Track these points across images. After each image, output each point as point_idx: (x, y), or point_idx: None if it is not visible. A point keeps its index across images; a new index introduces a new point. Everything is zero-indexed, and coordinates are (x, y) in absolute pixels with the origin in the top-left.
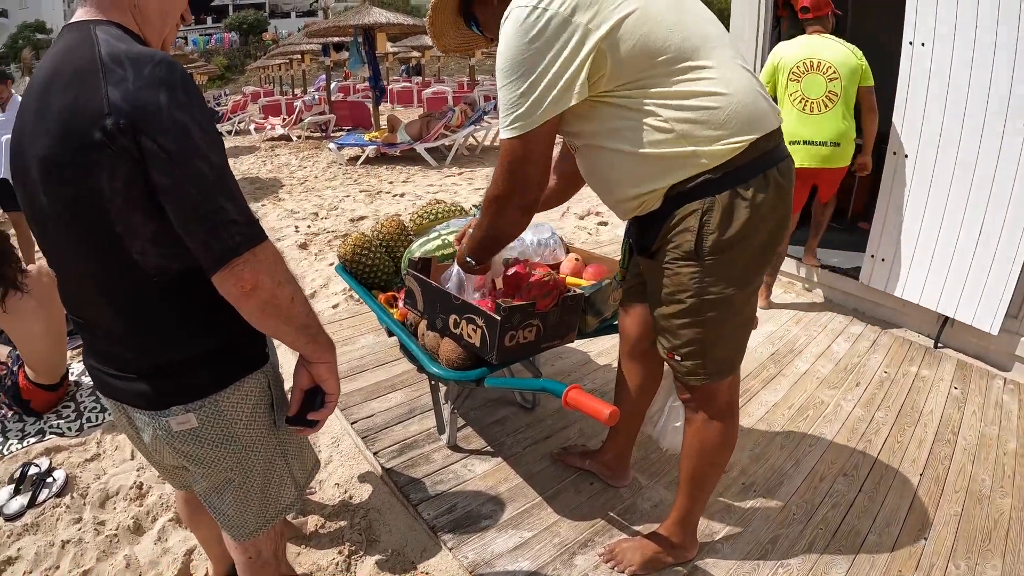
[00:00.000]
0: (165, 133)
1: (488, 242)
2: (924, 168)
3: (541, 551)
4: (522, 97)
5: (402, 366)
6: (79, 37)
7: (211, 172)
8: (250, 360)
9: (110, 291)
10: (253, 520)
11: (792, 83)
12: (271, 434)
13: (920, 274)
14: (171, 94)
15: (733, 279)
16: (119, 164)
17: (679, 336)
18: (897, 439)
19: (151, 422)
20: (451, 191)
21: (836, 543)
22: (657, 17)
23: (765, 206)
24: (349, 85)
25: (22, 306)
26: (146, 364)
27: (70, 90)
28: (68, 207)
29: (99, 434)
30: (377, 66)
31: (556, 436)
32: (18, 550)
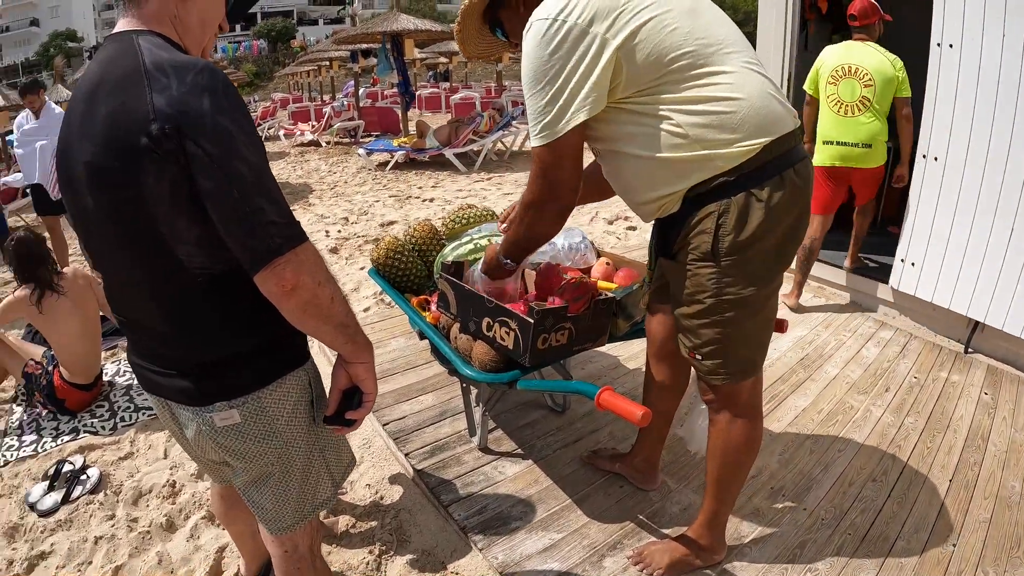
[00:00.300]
0: (208, 137)
1: (524, 243)
2: (954, 171)
3: (570, 553)
4: (548, 106)
5: (433, 369)
6: (122, 47)
7: (251, 174)
8: (292, 358)
9: (156, 293)
10: (291, 514)
11: (830, 86)
12: (310, 430)
13: (950, 278)
14: (214, 99)
15: (751, 279)
16: (165, 168)
17: (700, 336)
18: (927, 445)
19: (195, 418)
20: (480, 196)
21: (864, 548)
22: (672, 24)
23: (781, 207)
24: (377, 91)
25: (58, 307)
26: (191, 362)
27: (115, 97)
28: (114, 211)
29: (132, 433)
30: (407, 72)
31: (586, 439)
32: (51, 545)
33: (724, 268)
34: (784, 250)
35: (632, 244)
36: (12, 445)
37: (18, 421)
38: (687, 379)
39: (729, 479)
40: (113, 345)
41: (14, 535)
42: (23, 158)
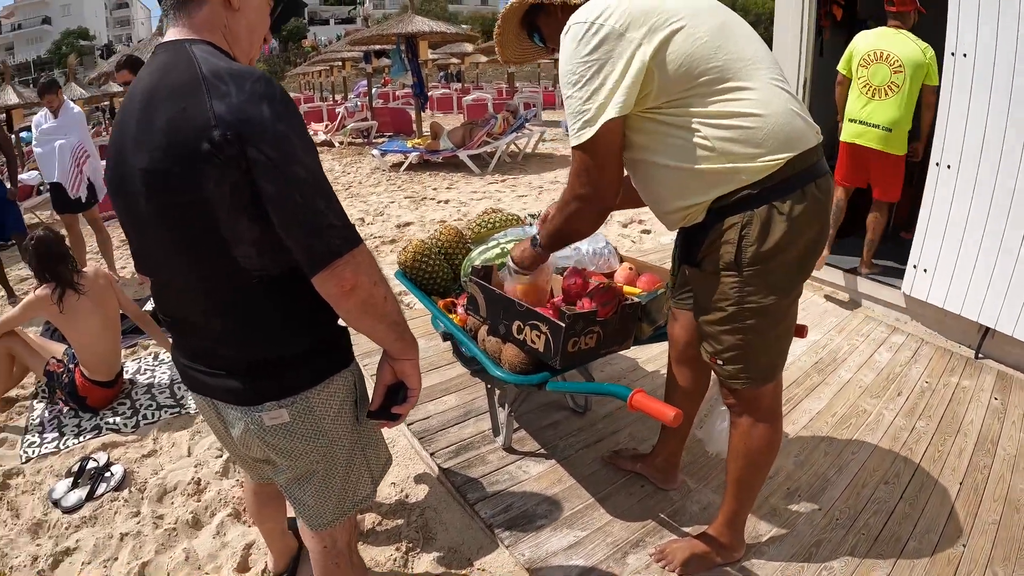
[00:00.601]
0: (269, 143)
1: (562, 236)
2: (966, 179)
3: (594, 550)
4: (585, 104)
5: (456, 370)
6: (177, 56)
7: (311, 178)
8: (339, 359)
9: (212, 294)
10: (332, 510)
11: (861, 69)
12: (354, 429)
13: (962, 284)
14: (272, 107)
15: (772, 288)
16: (226, 173)
17: (721, 342)
18: (938, 448)
19: (243, 417)
20: (495, 198)
21: (877, 548)
22: (703, 38)
23: (802, 219)
24: (389, 92)
25: (79, 306)
26: (243, 362)
27: (174, 104)
28: (172, 215)
29: (155, 431)
30: (421, 73)
31: (607, 440)
32: (76, 541)
33: (746, 278)
34: (805, 262)
35: (647, 248)
36: (34, 442)
37: (39, 418)
38: (708, 383)
39: (749, 480)
40: (133, 343)
41: (38, 531)
42: (41, 157)
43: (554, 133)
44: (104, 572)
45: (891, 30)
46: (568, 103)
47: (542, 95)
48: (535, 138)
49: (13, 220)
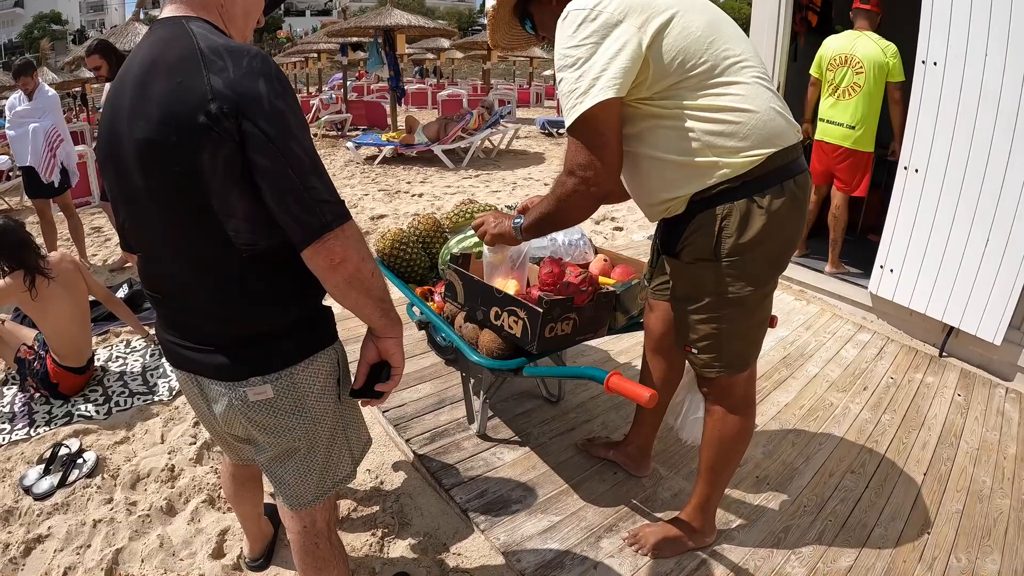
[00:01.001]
0: (265, 118)
1: (550, 220)
2: (933, 183)
3: (569, 534)
4: (578, 83)
5: (430, 359)
6: (174, 31)
7: (305, 155)
8: (324, 336)
9: (202, 268)
10: (312, 489)
11: (829, 72)
12: (336, 407)
13: (927, 285)
14: (269, 83)
15: (749, 280)
16: (221, 145)
17: (696, 331)
18: (902, 440)
19: (227, 392)
20: (468, 192)
21: (844, 534)
22: (696, 33)
23: (780, 213)
24: (363, 85)
25: (48, 292)
26: (229, 336)
27: (172, 78)
28: (165, 187)
29: (128, 418)
30: (398, 67)
31: (580, 428)
32: (49, 528)
33: (724, 268)
34: (781, 255)
35: (619, 244)
36: (3, 428)
37: (8, 405)
38: (681, 372)
39: (721, 467)
40: (104, 330)
41: (9, 519)
42: (15, 140)
43: (528, 131)
44: (77, 559)
45: (856, 32)
46: (562, 86)
47: (517, 93)
48: (509, 135)
49: None
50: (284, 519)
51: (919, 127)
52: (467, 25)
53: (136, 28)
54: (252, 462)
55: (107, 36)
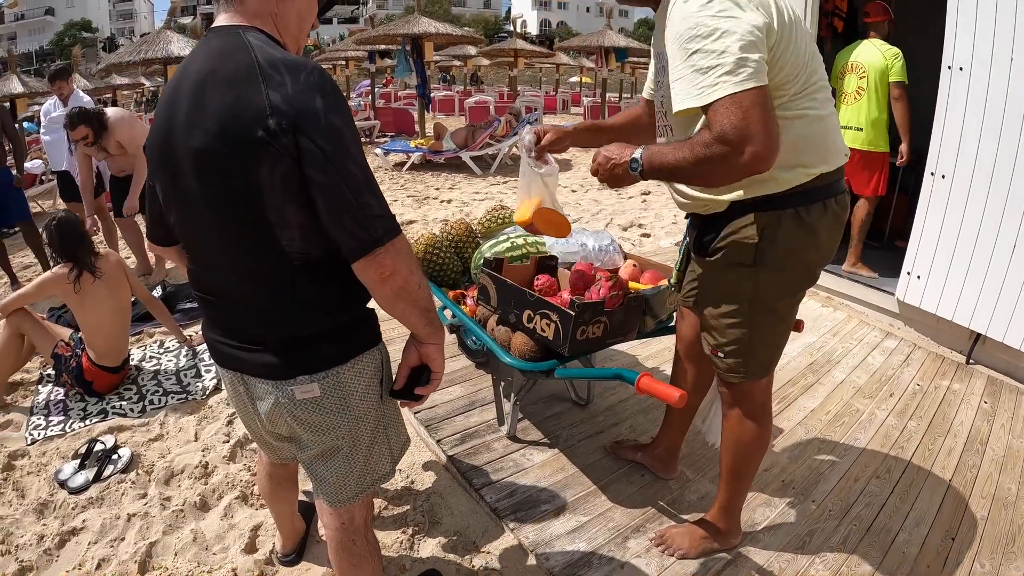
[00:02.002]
0: (322, 134)
1: (680, 171)
2: (960, 189)
3: (596, 534)
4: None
5: (461, 362)
6: (232, 42)
7: (359, 171)
8: (369, 338)
9: (255, 273)
10: (352, 487)
11: (838, 80)
12: (379, 407)
13: (954, 292)
14: (325, 99)
15: (784, 289)
16: (279, 160)
17: (725, 335)
18: (928, 447)
19: (274, 391)
20: (496, 199)
21: (869, 539)
22: (802, 48)
23: (821, 228)
24: (390, 92)
25: (94, 289)
26: (280, 337)
27: (230, 91)
28: (221, 196)
29: (162, 416)
30: (425, 74)
31: (608, 431)
32: (83, 521)
33: (761, 276)
34: (816, 268)
35: (646, 250)
36: (39, 424)
37: (44, 401)
38: (712, 378)
39: (741, 470)
40: (139, 331)
41: (44, 511)
42: (50, 144)
43: None
44: (111, 551)
45: (865, 42)
46: (694, 58)
47: (543, 99)
48: None
49: (17, 207)
50: (322, 515)
51: (945, 132)
52: (493, 32)
53: (167, 36)
54: (291, 461)
55: (138, 44)
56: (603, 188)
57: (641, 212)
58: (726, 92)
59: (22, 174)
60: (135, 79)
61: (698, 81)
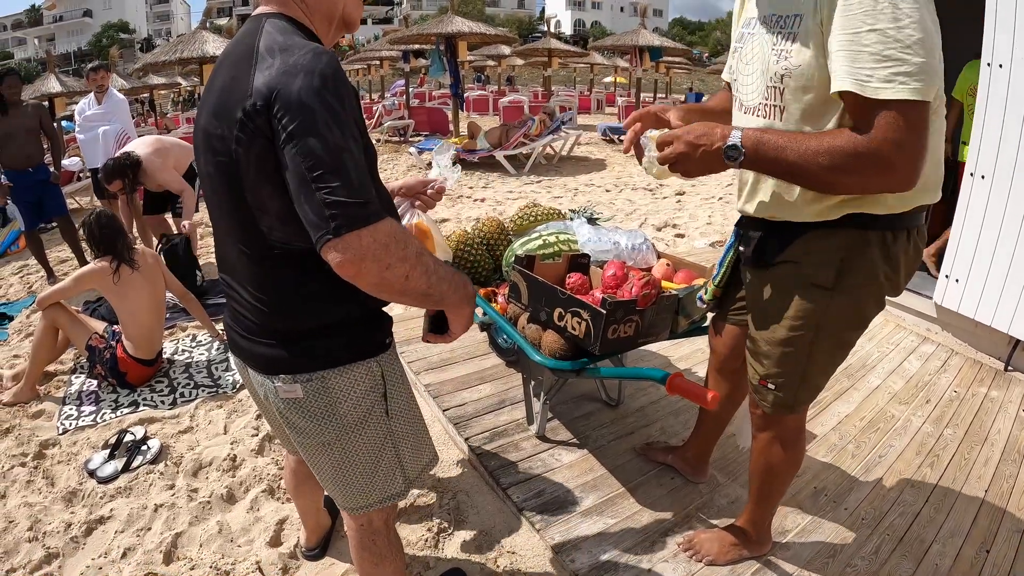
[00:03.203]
0: (290, 114)
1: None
2: (1000, 190)
3: (623, 537)
4: (918, 55)
5: (491, 360)
6: (251, 27)
7: (324, 151)
8: (364, 348)
9: (245, 259)
10: (357, 498)
11: (969, 96)
12: (380, 422)
13: (993, 296)
14: (308, 79)
15: (853, 319)
16: (254, 141)
17: (779, 365)
18: (964, 456)
19: (263, 383)
20: (530, 198)
21: (902, 549)
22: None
23: (904, 258)
24: (425, 92)
25: (132, 281)
26: (266, 330)
27: (229, 72)
28: (218, 175)
29: (192, 408)
30: (459, 74)
31: (638, 432)
32: (111, 510)
33: (836, 302)
34: (888, 298)
35: (680, 251)
36: (71, 415)
37: (77, 392)
38: (745, 392)
39: (769, 492)
40: (171, 325)
41: (72, 500)
42: (84, 143)
43: (589, 137)
44: (137, 540)
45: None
46: (868, 37)
47: (577, 99)
48: (571, 141)
49: (55, 203)
50: (343, 514)
51: (985, 131)
52: (527, 32)
53: (203, 36)
54: None
55: (174, 44)
56: (654, 184)
57: (675, 212)
58: (901, 96)
59: (59, 171)
60: (171, 79)
61: (869, 67)
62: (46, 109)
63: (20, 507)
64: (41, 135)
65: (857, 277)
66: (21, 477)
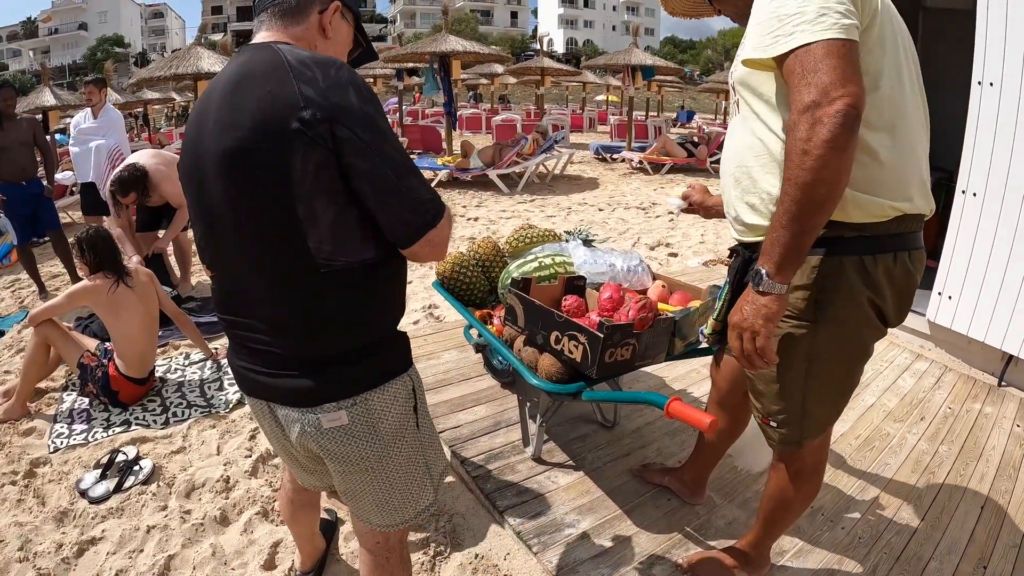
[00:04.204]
0: (360, 124)
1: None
2: (992, 207)
3: (621, 559)
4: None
5: (486, 381)
6: (261, 52)
7: (400, 157)
8: (398, 364)
9: (279, 283)
10: (392, 517)
11: None
12: (414, 435)
13: (986, 312)
14: (358, 92)
15: (845, 347)
16: (313, 149)
17: (777, 402)
18: (960, 472)
19: (300, 419)
20: (523, 216)
21: (899, 567)
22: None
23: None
24: (418, 110)
25: (125, 299)
26: (304, 358)
27: (262, 87)
28: (251, 196)
29: (185, 428)
30: (452, 92)
31: (634, 454)
32: (102, 531)
33: (821, 333)
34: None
35: (674, 270)
36: (62, 433)
37: (68, 410)
38: (746, 424)
39: (780, 520)
40: (164, 343)
41: (63, 520)
42: (77, 157)
43: (582, 155)
44: (129, 563)
45: None
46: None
47: (570, 118)
48: (564, 160)
49: (49, 217)
50: (357, 532)
51: (976, 149)
52: (520, 50)
53: (198, 52)
54: (325, 488)
55: (169, 60)
56: (647, 204)
57: (668, 231)
58: (788, 48)
59: (53, 185)
60: (166, 94)
61: (773, 28)
62: (39, 123)
63: (10, 526)
64: (34, 148)
65: (838, 305)
66: (11, 496)
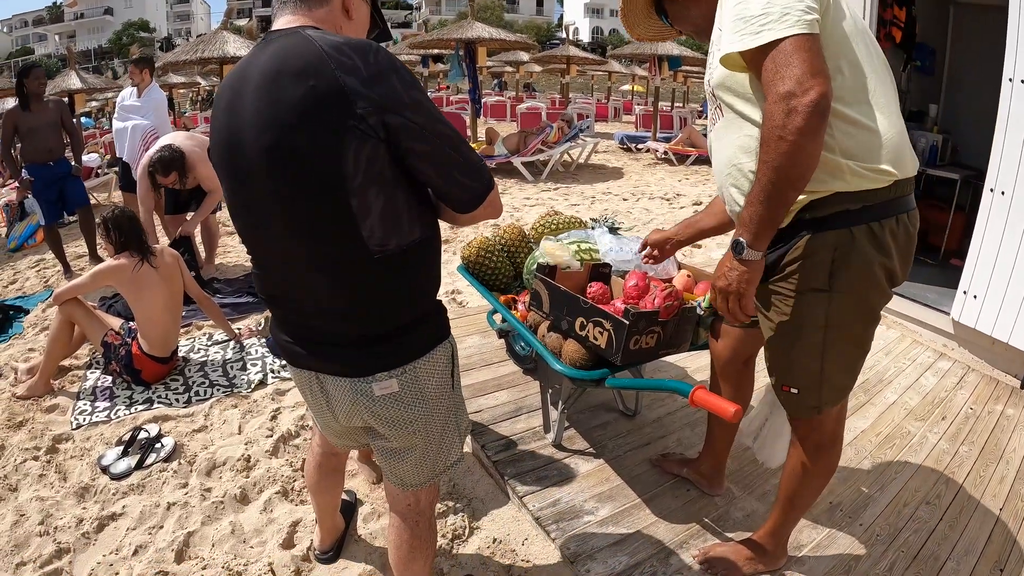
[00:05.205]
0: (409, 109)
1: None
2: (1020, 206)
3: (639, 548)
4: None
5: (508, 367)
6: (293, 40)
7: (449, 130)
8: (441, 332)
9: (333, 270)
10: (426, 473)
11: None
12: (451, 395)
13: (1011, 313)
14: (399, 77)
15: (860, 312)
16: (365, 141)
17: (799, 366)
18: (980, 473)
19: (351, 389)
20: (547, 204)
21: (916, 566)
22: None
23: (896, 245)
24: (442, 97)
25: (150, 279)
26: (358, 335)
27: (303, 80)
28: (302, 192)
29: (207, 407)
30: (477, 79)
31: (655, 443)
32: (123, 507)
33: (836, 301)
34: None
35: (697, 261)
36: (85, 410)
37: (91, 387)
38: (750, 395)
39: (800, 499)
40: (187, 323)
41: (84, 495)
42: (117, 132)
43: (606, 145)
44: (149, 538)
45: None
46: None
47: (595, 107)
48: (588, 148)
49: (78, 195)
50: (390, 496)
51: (1006, 147)
52: (545, 38)
53: (223, 36)
54: (361, 446)
55: (194, 44)
56: (671, 194)
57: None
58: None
59: (80, 164)
60: (191, 78)
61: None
62: (66, 105)
63: (32, 501)
64: (62, 130)
65: (852, 273)
66: (34, 471)
